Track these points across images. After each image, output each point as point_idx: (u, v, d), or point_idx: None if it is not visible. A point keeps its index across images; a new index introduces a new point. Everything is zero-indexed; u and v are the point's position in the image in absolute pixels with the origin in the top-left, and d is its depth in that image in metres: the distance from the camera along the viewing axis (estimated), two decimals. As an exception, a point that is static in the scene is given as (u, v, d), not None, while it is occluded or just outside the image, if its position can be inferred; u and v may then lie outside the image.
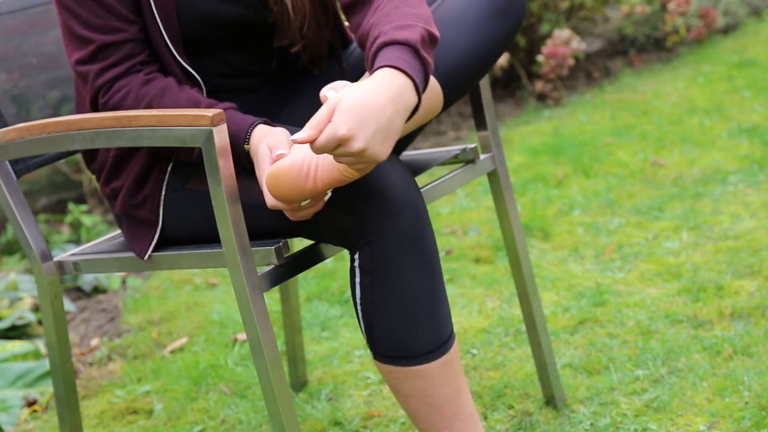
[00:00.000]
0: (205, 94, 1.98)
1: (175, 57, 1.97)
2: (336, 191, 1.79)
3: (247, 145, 1.85)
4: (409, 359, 1.83)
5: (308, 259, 1.95)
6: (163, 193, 1.98)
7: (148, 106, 1.92)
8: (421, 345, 1.83)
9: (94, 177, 2.11)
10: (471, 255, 3.23)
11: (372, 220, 1.80)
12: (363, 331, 1.85)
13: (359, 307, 1.84)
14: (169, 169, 1.97)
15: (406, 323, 1.82)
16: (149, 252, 1.99)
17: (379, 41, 1.76)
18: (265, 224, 1.90)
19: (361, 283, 1.83)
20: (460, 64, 1.93)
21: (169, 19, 1.96)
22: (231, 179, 1.79)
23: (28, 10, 2.21)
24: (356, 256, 1.82)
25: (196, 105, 1.90)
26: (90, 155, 2.08)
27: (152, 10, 1.94)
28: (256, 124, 1.86)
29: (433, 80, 1.88)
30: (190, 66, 1.99)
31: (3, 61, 2.15)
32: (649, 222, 3.26)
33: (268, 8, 2.01)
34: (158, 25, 1.95)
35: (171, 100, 1.92)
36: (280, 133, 1.82)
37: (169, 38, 1.96)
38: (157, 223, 2.00)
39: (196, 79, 1.99)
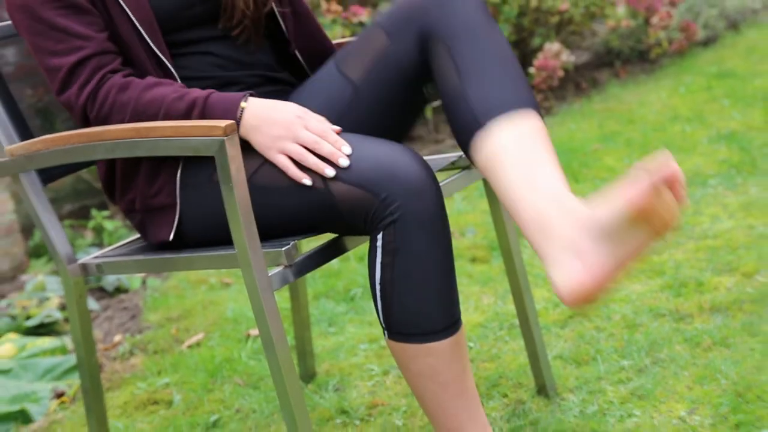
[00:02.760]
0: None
1: (154, 51, 1.99)
2: (360, 173, 1.82)
3: (245, 102, 1.89)
4: (424, 336, 1.84)
5: (315, 260, 1.95)
6: (178, 176, 1.97)
7: (135, 110, 1.92)
8: (435, 322, 1.84)
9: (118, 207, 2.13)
10: (468, 255, 3.24)
11: (398, 199, 1.79)
12: (380, 312, 1.84)
13: (378, 287, 1.83)
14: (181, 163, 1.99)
15: (423, 301, 1.83)
16: (172, 233, 1.98)
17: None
18: (289, 220, 1.91)
19: (382, 263, 1.82)
20: None
21: (142, 11, 1.99)
22: (243, 186, 1.80)
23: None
24: (379, 236, 1.81)
25: (182, 96, 1.91)
26: (111, 192, 2.11)
27: (122, 8, 1.97)
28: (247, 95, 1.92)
29: None
30: (174, 64, 2.01)
31: (29, 77, 2.16)
32: (634, 223, 3.25)
33: None
34: (132, 23, 1.98)
35: (153, 95, 1.93)
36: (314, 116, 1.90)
37: (147, 35, 1.99)
38: (176, 205, 1.98)
39: (174, 74, 2.00)
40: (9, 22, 2.14)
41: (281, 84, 2.18)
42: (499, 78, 1.86)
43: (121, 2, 1.97)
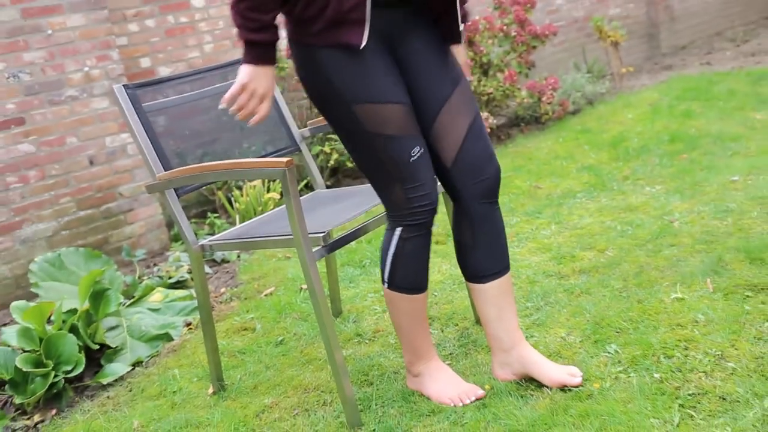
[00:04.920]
0: None
1: None
2: (392, 194, 1.77)
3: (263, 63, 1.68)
4: (411, 290, 1.86)
5: (341, 242, 1.93)
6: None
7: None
8: (418, 284, 1.86)
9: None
10: (433, 239, 3.20)
11: (424, 215, 1.80)
12: (387, 272, 1.85)
13: (390, 257, 1.83)
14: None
15: (416, 271, 1.85)
16: (364, 41, 1.66)
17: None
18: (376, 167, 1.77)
19: (397, 245, 1.82)
20: None
21: None
22: (297, 197, 1.77)
23: (185, 104, 2.20)
24: (399, 229, 1.81)
25: (260, 27, 1.65)
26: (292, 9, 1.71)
27: None
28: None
29: None
30: None
31: (172, 133, 2.14)
32: (533, 220, 3.24)
33: None
34: None
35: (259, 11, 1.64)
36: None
37: None
38: (365, 21, 1.65)
39: None
40: (155, 101, 2.12)
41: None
42: (494, 251, 1.90)
43: None
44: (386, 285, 1.86)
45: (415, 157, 1.75)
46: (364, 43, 1.66)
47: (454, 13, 1.81)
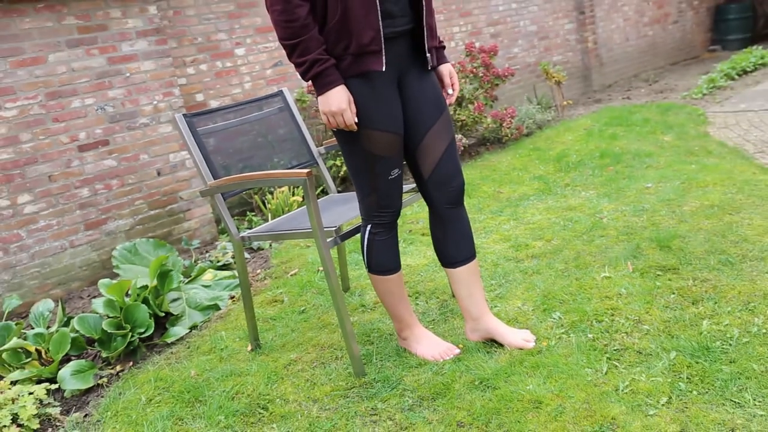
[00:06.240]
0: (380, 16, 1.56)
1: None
2: (386, 200, 1.74)
3: (334, 87, 1.56)
4: (385, 272, 1.82)
5: (349, 234, 1.91)
6: (381, 30, 1.55)
7: (296, 35, 1.53)
8: (389, 267, 1.83)
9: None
10: (420, 231, 3.19)
11: (391, 218, 1.78)
12: (365, 258, 1.82)
13: (365, 247, 1.81)
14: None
15: (387, 258, 1.81)
16: (384, 66, 1.58)
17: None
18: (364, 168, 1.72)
19: (368, 238, 1.79)
20: None
21: None
22: (315, 200, 1.75)
23: (229, 129, 2.18)
24: (369, 226, 1.79)
25: (317, 60, 1.54)
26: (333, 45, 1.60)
27: None
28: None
29: None
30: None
31: (219, 151, 2.12)
32: (496, 217, 3.22)
33: None
34: None
35: (312, 41, 1.55)
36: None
37: None
38: (382, 51, 1.57)
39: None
40: (207, 126, 2.10)
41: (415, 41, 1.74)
42: (461, 243, 1.85)
43: None
44: (367, 270, 1.86)
45: (393, 177, 1.75)
46: (384, 68, 1.60)
47: (423, 44, 1.73)
